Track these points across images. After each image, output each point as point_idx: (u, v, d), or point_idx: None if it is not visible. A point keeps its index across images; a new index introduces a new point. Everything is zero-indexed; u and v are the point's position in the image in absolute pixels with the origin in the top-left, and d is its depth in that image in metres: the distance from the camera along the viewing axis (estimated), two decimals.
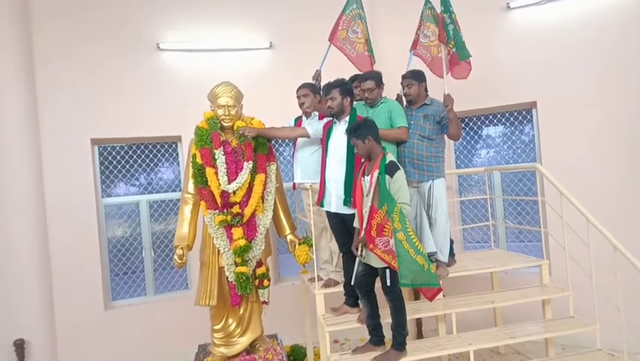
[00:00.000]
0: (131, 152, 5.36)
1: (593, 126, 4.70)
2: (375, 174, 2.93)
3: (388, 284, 2.91)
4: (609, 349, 3.41)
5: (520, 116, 5.32)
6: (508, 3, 5.05)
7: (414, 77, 3.73)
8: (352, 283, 3.19)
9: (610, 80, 4.60)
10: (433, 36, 4.29)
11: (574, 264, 3.62)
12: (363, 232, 2.97)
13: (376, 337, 3.19)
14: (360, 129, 3.02)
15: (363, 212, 2.99)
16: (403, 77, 3.79)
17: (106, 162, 5.25)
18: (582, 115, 4.74)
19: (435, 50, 4.32)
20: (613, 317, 3.32)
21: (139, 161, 5.39)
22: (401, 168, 3.02)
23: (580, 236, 3.55)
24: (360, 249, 3.06)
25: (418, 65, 4.14)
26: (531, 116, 5.21)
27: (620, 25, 4.54)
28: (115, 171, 5.29)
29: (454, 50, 3.80)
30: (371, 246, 2.91)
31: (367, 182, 3.01)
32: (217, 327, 3.70)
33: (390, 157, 3.04)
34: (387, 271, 2.91)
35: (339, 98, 3.41)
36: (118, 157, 5.30)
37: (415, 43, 4.41)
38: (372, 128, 3.05)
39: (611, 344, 3.42)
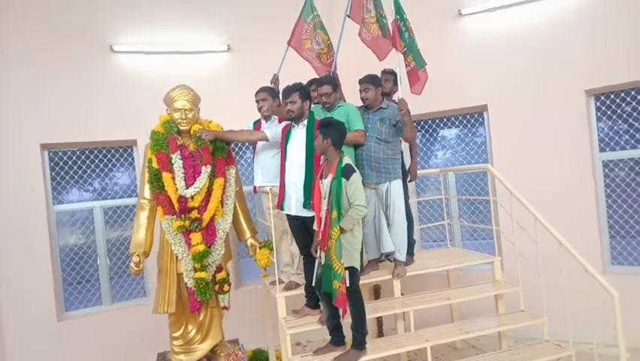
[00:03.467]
0: (84, 157, 5.18)
1: (541, 128, 4.94)
2: (329, 177, 2.98)
3: (347, 285, 2.96)
4: (556, 340, 3.60)
5: (472, 119, 5.52)
6: (459, 10, 5.24)
7: (371, 82, 3.81)
8: (313, 284, 3.22)
9: (556, 83, 4.85)
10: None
11: (524, 260, 3.80)
12: (321, 235, 3.01)
13: (337, 337, 3.23)
14: (328, 127, 3.08)
15: (321, 214, 3.03)
16: (360, 81, 3.86)
17: (57, 168, 5.05)
18: (530, 117, 4.98)
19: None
20: (559, 309, 3.51)
21: (92, 166, 5.23)
22: (357, 171, 3.08)
23: (528, 233, 3.73)
24: (318, 251, 3.09)
25: (368, 69, 4.19)
26: (483, 119, 5.42)
27: (564, 31, 4.80)
28: (67, 177, 5.10)
29: (413, 62, 3.90)
30: (325, 247, 2.94)
31: (325, 185, 3.05)
32: (176, 334, 3.63)
33: (347, 160, 3.10)
34: (347, 272, 2.96)
35: (300, 102, 3.44)
36: (70, 162, 5.11)
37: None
38: (337, 134, 3.09)
39: (558, 335, 3.61)
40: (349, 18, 4.30)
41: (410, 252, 4.05)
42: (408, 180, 4.34)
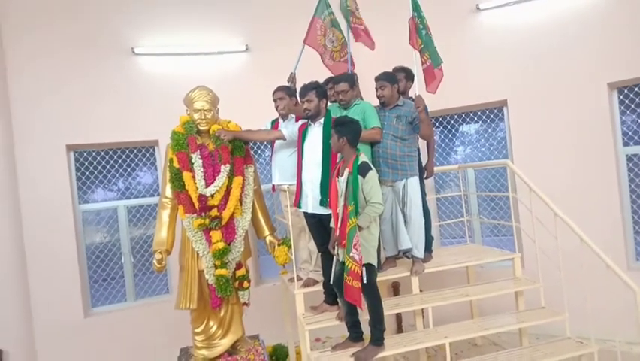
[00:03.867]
0: (107, 157, 5.33)
1: (561, 123, 4.86)
2: (345, 173, 3.01)
3: (365, 282, 2.98)
4: (578, 337, 3.55)
5: (492, 114, 5.46)
6: (477, 4, 5.18)
7: (387, 79, 3.81)
8: (330, 281, 3.25)
9: (575, 77, 4.76)
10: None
11: (544, 256, 3.76)
12: (337, 231, 3.04)
13: (355, 333, 3.26)
14: (342, 126, 3.09)
15: (338, 211, 3.06)
16: (376, 79, 3.86)
17: (82, 168, 5.21)
18: (550, 112, 4.90)
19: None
20: (581, 306, 3.46)
21: (116, 166, 5.37)
22: (373, 168, 3.10)
23: (548, 230, 3.69)
24: (336, 248, 3.13)
25: (384, 66, 4.20)
26: (503, 114, 5.36)
27: (583, 25, 4.71)
28: (92, 177, 5.26)
29: (430, 60, 3.88)
30: (344, 242, 2.97)
31: (342, 182, 3.08)
32: (198, 330, 3.72)
33: (363, 158, 3.12)
34: (364, 268, 2.98)
35: (316, 100, 3.47)
36: (95, 163, 5.26)
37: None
38: (353, 132, 3.11)
39: (580, 331, 3.56)
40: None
41: (428, 249, 4.05)
42: (425, 177, 4.33)
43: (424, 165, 4.33)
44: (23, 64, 4.79)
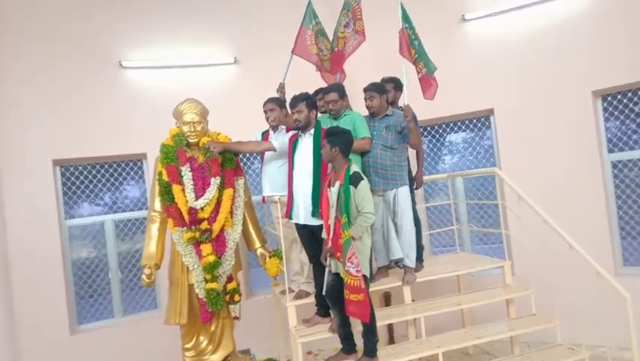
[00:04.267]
0: (94, 171, 5.25)
1: (547, 131, 4.93)
2: (337, 185, 3.01)
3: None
4: (569, 343, 3.58)
5: (479, 123, 5.53)
6: (463, 15, 5.27)
7: (375, 90, 3.84)
8: (323, 293, 3.23)
9: (562, 84, 4.84)
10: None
11: (534, 263, 3.79)
12: (330, 242, 3.03)
13: (348, 345, 3.24)
14: (335, 136, 3.12)
15: (329, 222, 3.05)
16: (365, 89, 3.89)
17: (68, 183, 5.13)
18: (536, 120, 4.97)
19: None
20: (571, 312, 3.48)
21: (103, 180, 5.29)
22: (365, 178, 3.11)
23: (538, 237, 3.72)
24: (328, 259, 3.11)
25: (373, 76, 4.23)
26: (490, 123, 5.42)
27: (567, 34, 4.81)
28: (78, 192, 5.17)
29: (425, 69, 3.93)
30: (338, 254, 2.96)
31: (333, 193, 3.08)
32: (188, 346, 3.67)
33: (355, 168, 3.13)
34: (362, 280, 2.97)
35: (306, 111, 3.48)
36: (81, 177, 5.18)
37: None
38: (345, 142, 3.13)
39: (571, 338, 3.58)
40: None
41: (419, 258, 4.05)
42: (414, 187, 4.35)
43: (413, 175, 4.35)
44: (9, 77, 4.72)
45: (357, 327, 3.19)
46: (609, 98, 4.83)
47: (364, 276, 3.04)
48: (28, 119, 4.78)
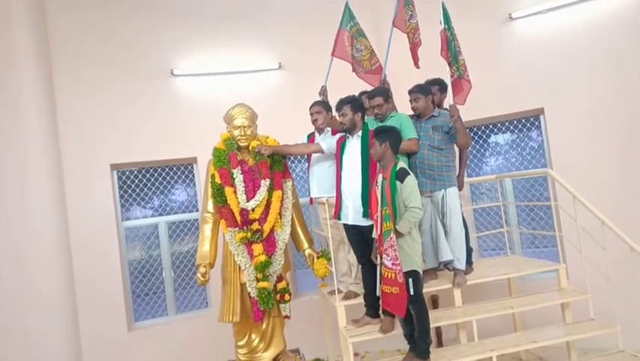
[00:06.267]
0: (148, 175, 5.50)
1: (599, 129, 4.75)
2: (380, 178, 3.05)
3: (412, 293, 2.96)
4: (632, 350, 3.41)
5: (528, 122, 5.38)
6: (510, 14, 5.16)
7: (420, 91, 3.83)
8: (377, 293, 3.23)
9: (612, 83, 4.67)
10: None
11: (591, 267, 3.65)
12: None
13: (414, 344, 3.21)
14: (384, 133, 3.16)
15: (377, 219, 3.06)
16: (410, 91, 3.89)
17: (124, 186, 5.39)
18: (588, 119, 4.80)
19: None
20: (634, 318, 3.33)
21: (156, 183, 5.53)
22: (411, 173, 3.11)
23: (595, 239, 3.59)
24: (378, 257, 3.12)
25: (418, 78, 4.21)
26: (539, 123, 5.27)
27: (619, 30, 4.63)
28: (133, 195, 5.43)
29: (457, 73, 3.90)
30: (381, 249, 2.97)
31: (379, 189, 3.09)
32: (241, 343, 3.76)
33: (402, 164, 3.14)
34: (411, 280, 2.96)
35: (351, 114, 3.52)
36: (136, 180, 5.44)
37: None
38: (394, 138, 3.17)
39: (634, 345, 3.42)
40: (395, 27, 4.36)
41: (469, 260, 3.99)
42: None
43: None
44: (69, 85, 5.04)
45: (397, 330, 3.14)
46: None
47: (415, 271, 3.02)
48: (89, 128, 5.06)
